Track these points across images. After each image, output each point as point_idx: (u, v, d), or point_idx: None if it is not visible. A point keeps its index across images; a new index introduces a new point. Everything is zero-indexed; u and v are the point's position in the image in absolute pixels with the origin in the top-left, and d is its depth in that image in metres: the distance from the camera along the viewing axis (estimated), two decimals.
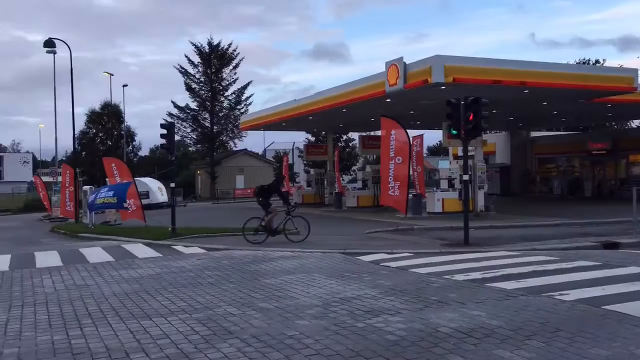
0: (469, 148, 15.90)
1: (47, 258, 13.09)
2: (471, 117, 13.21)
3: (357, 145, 38.68)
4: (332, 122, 32.78)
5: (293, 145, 66.08)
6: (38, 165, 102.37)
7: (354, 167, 61.69)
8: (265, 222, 14.80)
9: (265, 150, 79.19)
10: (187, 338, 6.10)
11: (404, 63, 18.89)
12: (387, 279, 9.26)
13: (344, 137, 58.89)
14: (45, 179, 41.43)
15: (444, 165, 35.25)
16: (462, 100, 13.41)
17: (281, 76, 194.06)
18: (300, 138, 60.00)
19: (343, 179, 34.69)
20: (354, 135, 54.03)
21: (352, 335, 6.01)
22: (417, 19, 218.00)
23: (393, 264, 10.82)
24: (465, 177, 14.08)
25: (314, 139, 54.68)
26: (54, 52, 30.68)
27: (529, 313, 6.78)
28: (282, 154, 61.97)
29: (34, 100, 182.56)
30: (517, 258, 11.20)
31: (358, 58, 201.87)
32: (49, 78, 67.00)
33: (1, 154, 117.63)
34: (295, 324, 6.57)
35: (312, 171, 40.46)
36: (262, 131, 50.97)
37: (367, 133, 35.89)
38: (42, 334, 6.45)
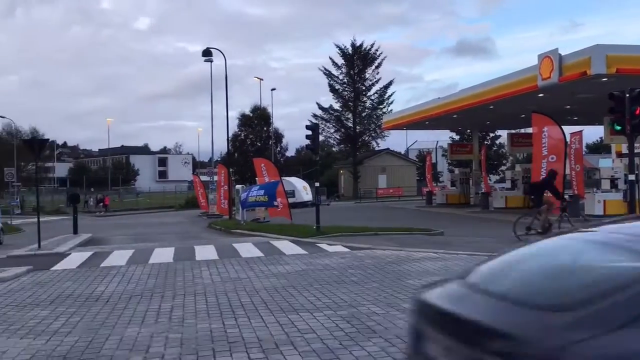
0: (636, 145, 14.40)
1: (205, 251, 14.13)
2: (638, 111, 11.97)
3: (506, 143, 36.90)
4: (478, 119, 31.62)
5: (436, 144, 64.82)
6: (197, 165, 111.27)
7: (501, 167, 59.02)
8: (541, 220, 14.48)
9: (407, 150, 78.58)
10: (332, 334, 6.21)
11: (559, 55, 17.67)
12: None
13: (491, 135, 56.57)
14: (203, 178, 44.85)
15: (606, 164, 32.31)
16: (627, 92, 12.20)
17: (423, 74, 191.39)
18: (444, 137, 58.88)
19: (490, 179, 33.29)
20: (502, 133, 51.67)
21: None
22: (571, 7, 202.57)
23: None
24: (632, 177, 12.82)
25: (458, 137, 53.21)
26: (211, 61, 33.07)
27: None
28: (425, 153, 61.08)
29: (193, 106, 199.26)
30: None
31: (504, 53, 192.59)
32: (206, 85, 72.67)
33: (166, 155, 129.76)
34: None
35: (456, 170, 39.43)
36: (405, 130, 50.69)
37: (517, 130, 34.10)
38: (201, 322, 6.96)
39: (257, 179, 28.38)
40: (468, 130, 45.55)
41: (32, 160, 44.24)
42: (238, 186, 30.22)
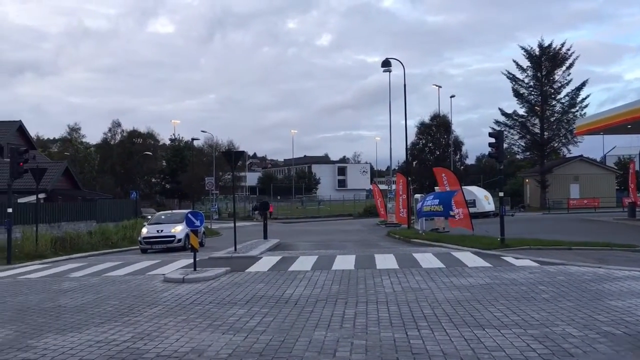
0: None
1: (385, 260, 14.22)
2: None
3: None
4: None
5: None
6: (375, 174, 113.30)
7: None
8: None
9: (604, 156, 71.48)
10: (523, 354, 5.82)
11: None
12: None
13: None
14: (382, 187, 45.46)
15: None
16: None
17: (622, 73, 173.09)
18: None
19: None
20: None
21: None
22: None
23: None
24: None
25: None
26: (390, 71, 33.49)
27: None
28: (626, 160, 55.03)
29: (370, 116, 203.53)
30: None
31: None
32: (382, 95, 73.95)
33: (345, 164, 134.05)
34: None
35: None
36: (601, 135, 46.30)
37: None
38: (384, 331, 6.99)
39: (436, 187, 27.98)
40: None
41: (228, 170, 48.72)
42: (417, 195, 30.06)
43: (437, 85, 55.86)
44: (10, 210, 17.73)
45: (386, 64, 32.54)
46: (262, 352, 6.14)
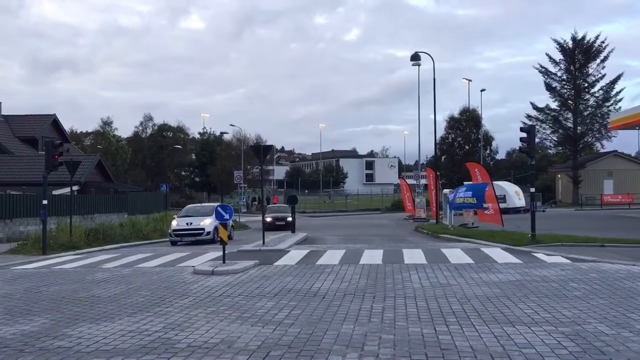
0: None
1: (413, 255, 14.16)
2: None
3: None
4: None
5: None
6: (403, 168, 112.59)
7: None
8: None
9: None
10: (554, 351, 5.75)
11: None
12: None
13: None
14: (410, 181, 45.16)
15: None
16: None
17: None
18: None
19: None
20: None
21: None
22: None
23: None
24: None
25: None
26: (419, 65, 33.19)
27: None
28: None
29: (398, 110, 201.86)
30: None
31: None
32: (410, 89, 73.25)
33: (373, 159, 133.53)
34: None
35: None
36: (637, 130, 45.21)
37: None
38: (412, 326, 6.98)
39: (465, 183, 27.72)
40: None
41: (257, 163, 48.96)
42: (445, 190, 29.84)
43: (467, 79, 55.30)
44: (45, 202, 18.18)
45: (415, 57, 32.28)
46: (291, 345, 6.20)
